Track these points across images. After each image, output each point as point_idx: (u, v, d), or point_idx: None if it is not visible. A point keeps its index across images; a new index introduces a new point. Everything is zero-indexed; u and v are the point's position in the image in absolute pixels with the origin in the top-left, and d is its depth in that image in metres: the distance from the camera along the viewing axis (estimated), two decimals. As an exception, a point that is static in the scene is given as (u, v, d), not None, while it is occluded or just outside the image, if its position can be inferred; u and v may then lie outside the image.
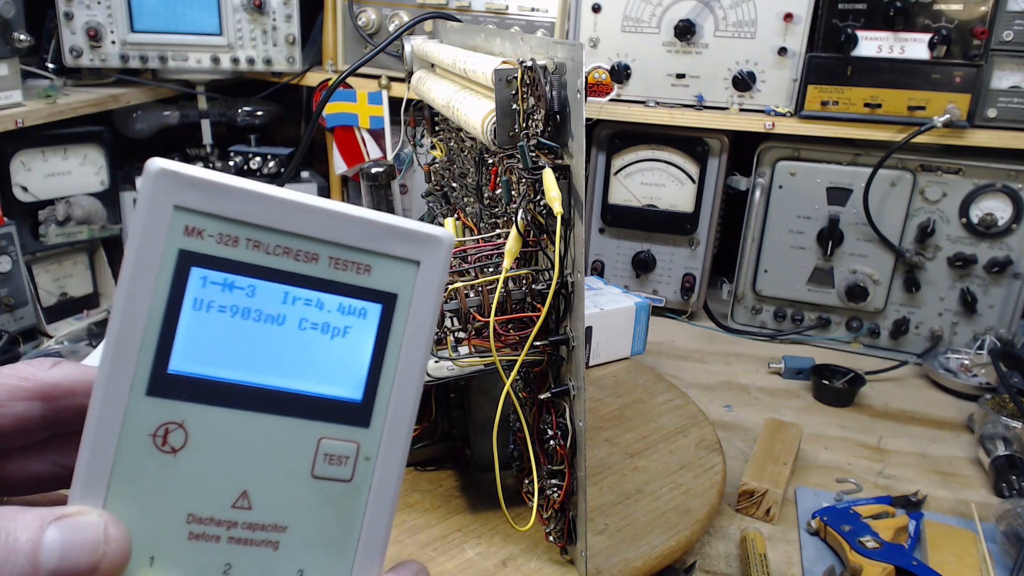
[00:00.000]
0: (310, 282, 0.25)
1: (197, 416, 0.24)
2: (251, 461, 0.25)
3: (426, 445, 0.76)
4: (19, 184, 1.09)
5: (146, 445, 0.24)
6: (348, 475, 0.26)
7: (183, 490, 0.24)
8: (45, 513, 0.23)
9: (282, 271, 0.25)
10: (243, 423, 0.25)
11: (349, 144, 1.29)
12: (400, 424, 0.26)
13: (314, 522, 0.25)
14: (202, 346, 0.25)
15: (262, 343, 0.25)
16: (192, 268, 0.24)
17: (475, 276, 0.61)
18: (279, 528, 0.25)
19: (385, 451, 0.26)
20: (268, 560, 0.25)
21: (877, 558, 0.68)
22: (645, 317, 1.05)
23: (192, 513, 0.24)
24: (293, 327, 0.25)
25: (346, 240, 0.26)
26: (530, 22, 1.20)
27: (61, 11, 1.15)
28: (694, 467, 0.79)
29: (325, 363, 0.26)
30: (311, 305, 0.25)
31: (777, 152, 1.17)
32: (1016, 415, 0.92)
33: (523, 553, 0.65)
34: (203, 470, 0.24)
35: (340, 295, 0.26)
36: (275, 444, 0.25)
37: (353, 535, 0.26)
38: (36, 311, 1.10)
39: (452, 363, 0.59)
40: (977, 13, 1.04)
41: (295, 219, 0.25)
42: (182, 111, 1.31)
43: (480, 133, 0.60)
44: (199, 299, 0.24)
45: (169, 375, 0.24)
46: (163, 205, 0.24)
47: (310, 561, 0.25)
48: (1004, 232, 1.08)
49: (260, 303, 0.25)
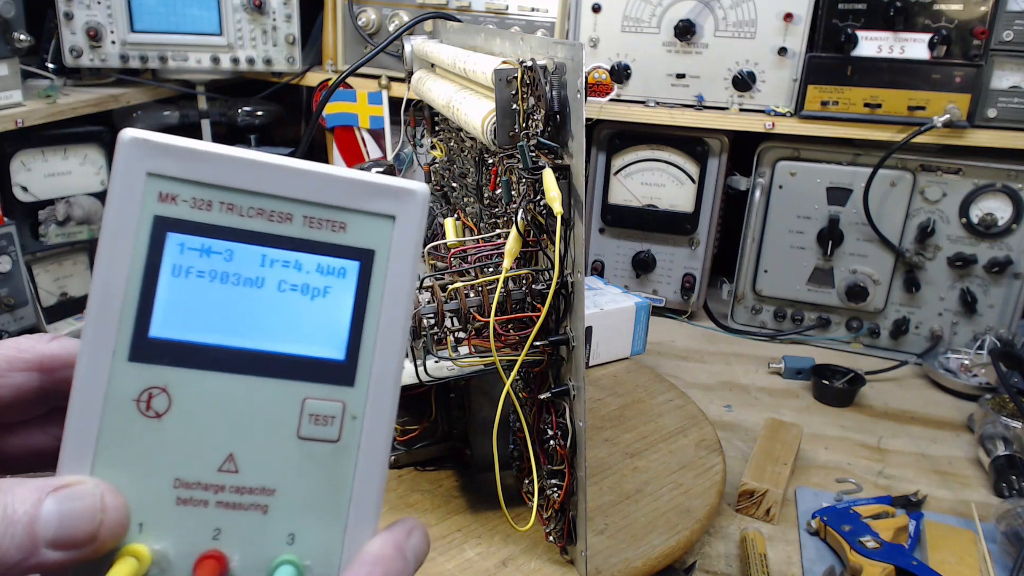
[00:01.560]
0: (286, 242, 0.25)
1: (180, 380, 0.25)
2: (235, 424, 0.25)
3: (426, 445, 0.76)
4: (19, 184, 1.09)
5: (130, 411, 0.24)
6: (335, 435, 0.25)
7: (169, 455, 0.24)
8: (42, 484, 0.23)
9: (257, 232, 0.25)
10: (226, 386, 0.25)
11: (349, 144, 1.29)
12: (386, 382, 0.26)
13: (303, 484, 0.25)
14: (182, 311, 0.25)
15: (242, 306, 0.25)
16: (168, 234, 0.24)
17: (475, 276, 0.61)
18: (267, 491, 0.25)
19: (372, 410, 0.26)
20: (258, 524, 0.24)
21: (877, 558, 0.68)
22: (645, 317, 1.05)
23: (179, 478, 0.24)
24: (272, 289, 0.25)
25: (319, 198, 0.25)
26: (530, 22, 1.20)
27: (61, 11, 1.15)
28: (694, 467, 0.79)
29: (306, 324, 0.25)
30: (289, 266, 0.25)
31: (777, 152, 1.17)
32: (1016, 415, 0.92)
33: (523, 553, 0.65)
34: (188, 434, 0.24)
35: (317, 254, 0.26)
36: (259, 406, 0.25)
37: (344, 496, 0.25)
38: (36, 311, 1.10)
39: (452, 363, 0.59)
40: (977, 13, 1.04)
41: (266, 180, 0.25)
42: (182, 111, 1.31)
43: (480, 133, 0.60)
44: (177, 265, 0.25)
45: (150, 340, 0.24)
46: (136, 173, 0.24)
47: (301, 524, 0.25)
48: (1004, 232, 1.08)
49: (238, 267, 0.25)
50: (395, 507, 0.71)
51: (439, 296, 0.57)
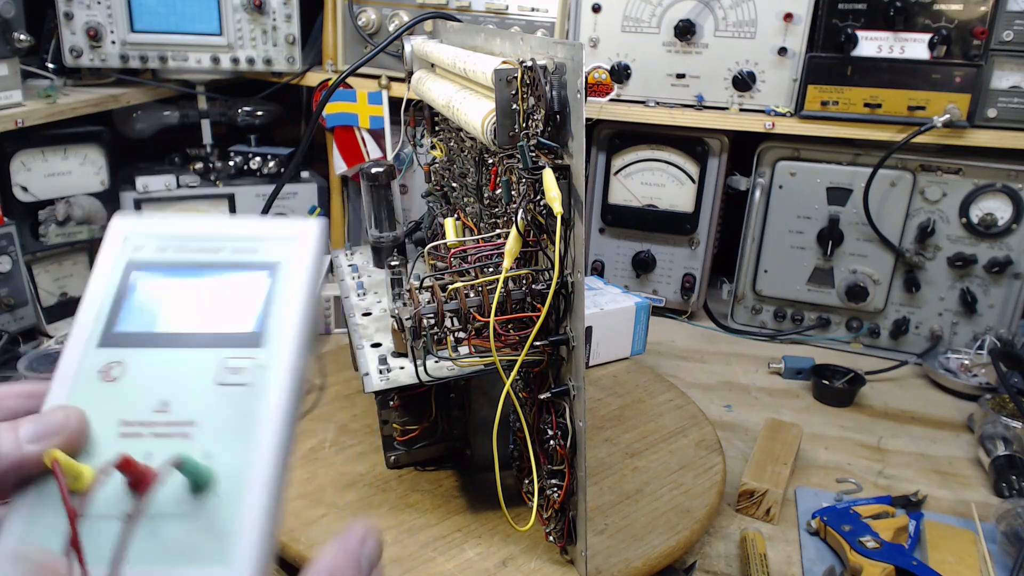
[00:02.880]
0: (219, 264, 0.37)
1: (132, 356, 0.34)
2: (170, 380, 0.33)
3: (426, 445, 0.76)
4: (19, 184, 1.09)
5: (95, 378, 0.33)
6: (246, 380, 0.33)
7: (118, 405, 0.33)
8: (15, 422, 0.30)
9: (200, 261, 0.37)
10: (167, 356, 0.34)
11: (349, 144, 1.29)
12: (289, 344, 0.34)
13: (219, 416, 0.32)
14: (140, 312, 0.35)
15: (185, 305, 0.35)
16: (134, 271, 0.36)
17: (475, 276, 0.61)
18: (190, 423, 0.32)
19: (278, 362, 0.33)
20: (180, 445, 0.31)
21: (877, 558, 0.68)
22: (645, 317, 1.05)
23: (124, 419, 0.32)
24: (210, 290, 0.36)
25: (241, 236, 0.37)
26: (530, 22, 1.20)
27: (61, 11, 1.15)
28: (694, 467, 0.79)
29: (232, 312, 0.35)
30: (220, 274, 0.36)
31: (777, 152, 1.17)
32: (1016, 415, 0.92)
33: (523, 553, 0.65)
34: (134, 390, 0.33)
35: (240, 269, 0.36)
36: (189, 366, 0.33)
37: (253, 424, 0.32)
38: (36, 311, 1.10)
39: (452, 363, 0.59)
40: (977, 13, 1.04)
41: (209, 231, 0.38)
42: (182, 111, 1.31)
43: (480, 133, 0.60)
44: (138, 285, 0.36)
45: (114, 333, 0.34)
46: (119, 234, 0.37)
47: (216, 445, 0.31)
48: (1004, 232, 1.08)
49: (183, 279, 0.36)
50: (395, 507, 0.71)
51: (439, 296, 0.57)
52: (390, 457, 0.76)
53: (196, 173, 1.31)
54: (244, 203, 1.30)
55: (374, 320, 0.78)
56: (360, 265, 0.94)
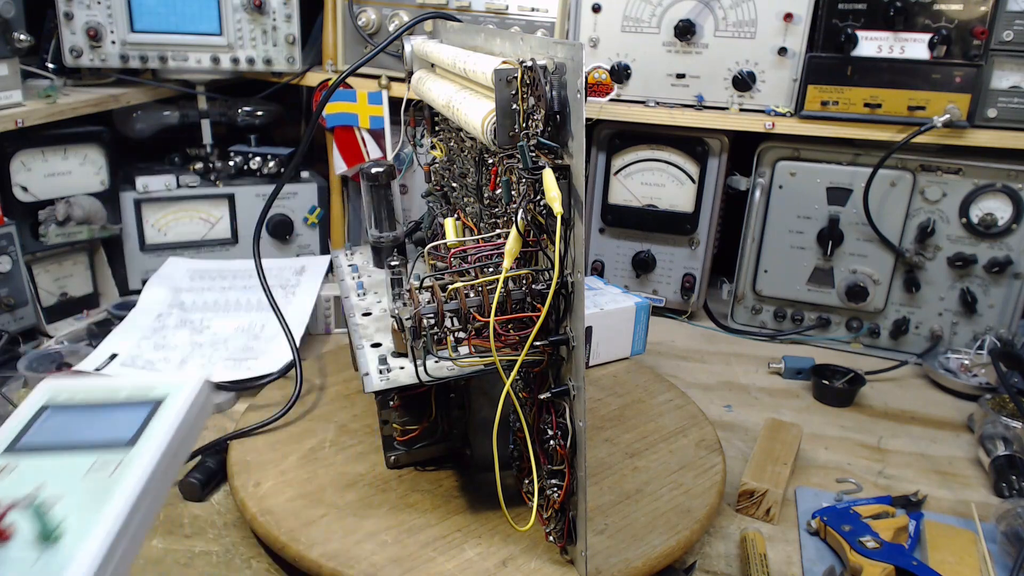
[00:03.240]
0: (116, 404, 0.49)
1: (21, 459, 0.44)
2: (51, 472, 0.43)
3: (426, 445, 0.76)
4: (19, 184, 1.09)
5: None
6: (110, 472, 0.43)
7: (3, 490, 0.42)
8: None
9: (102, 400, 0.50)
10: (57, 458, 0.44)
11: (349, 144, 1.29)
12: (154, 449, 0.45)
13: (80, 493, 0.41)
14: (43, 432, 0.47)
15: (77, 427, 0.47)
16: (44, 410, 0.49)
17: (475, 276, 0.61)
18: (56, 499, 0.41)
19: (141, 459, 0.44)
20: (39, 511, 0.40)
21: (877, 558, 0.68)
22: (645, 317, 1.05)
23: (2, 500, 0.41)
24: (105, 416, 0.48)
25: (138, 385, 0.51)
26: (530, 22, 1.20)
27: (61, 11, 1.15)
28: (694, 467, 0.79)
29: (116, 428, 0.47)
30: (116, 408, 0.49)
31: (777, 152, 1.17)
32: (1016, 415, 0.92)
33: (523, 553, 0.65)
34: (19, 480, 0.43)
35: (132, 405, 0.49)
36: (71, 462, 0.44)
37: (106, 501, 0.41)
38: (36, 311, 1.10)
39: (452, 363, 0.59)
40: (977, 13, 1.04)
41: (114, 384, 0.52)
42: (182, 111, 1.31)
43: (480, 133, 0.60)
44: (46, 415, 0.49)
45: (17, 446, 0.46)
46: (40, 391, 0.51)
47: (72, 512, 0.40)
48: (1004, 232, 1.08)
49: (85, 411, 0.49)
50: (395, 507, 0.71)
51: (439, 296, 0.57)
52: (390, 457, 0.76)
53: (196, 173, 1.31)
54: (244, 203, 1.30)
55: (374, 320, 0.78)
56: (360, 265, 0.94)
